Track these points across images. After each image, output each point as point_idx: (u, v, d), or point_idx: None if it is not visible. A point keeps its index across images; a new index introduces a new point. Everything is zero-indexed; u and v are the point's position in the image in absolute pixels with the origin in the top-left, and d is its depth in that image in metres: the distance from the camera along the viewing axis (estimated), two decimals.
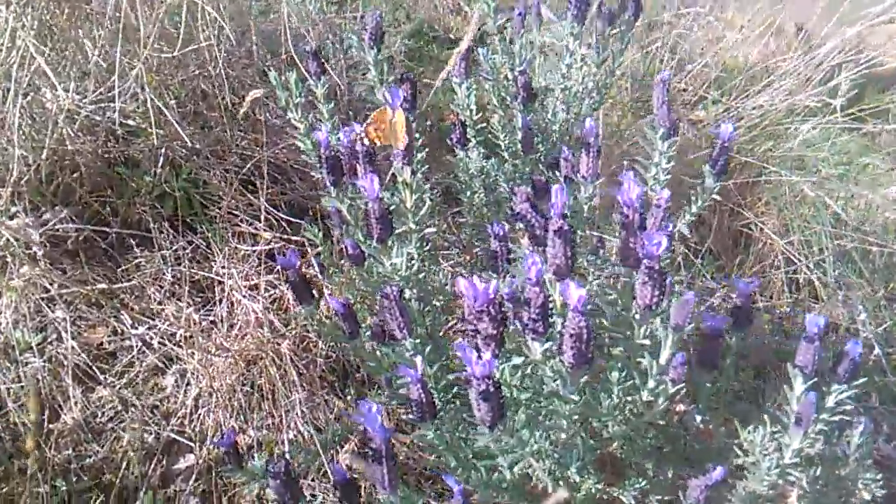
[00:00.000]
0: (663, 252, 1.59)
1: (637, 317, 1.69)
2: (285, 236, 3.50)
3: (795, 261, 3.94)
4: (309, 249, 3.50)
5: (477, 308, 1.63)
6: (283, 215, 3.54)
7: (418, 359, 1.75)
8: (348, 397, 3.15)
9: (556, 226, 1.61)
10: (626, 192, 1.64)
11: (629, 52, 4.61)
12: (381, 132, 2.10)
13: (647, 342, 1.69)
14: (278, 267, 3.39)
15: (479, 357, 1.46)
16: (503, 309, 1.65)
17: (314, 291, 2.27)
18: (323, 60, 2.70)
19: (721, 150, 2.29)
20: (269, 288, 3.33)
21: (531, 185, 2.32)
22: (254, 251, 3.41)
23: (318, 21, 4.35)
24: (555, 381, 1.63)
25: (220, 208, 3.52)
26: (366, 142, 2.11)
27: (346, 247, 2.27)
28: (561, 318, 1.68)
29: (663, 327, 1.65)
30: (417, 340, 1.94)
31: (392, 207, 2.08)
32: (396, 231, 2.09)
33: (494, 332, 1.64)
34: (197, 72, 3.66)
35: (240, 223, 3.49)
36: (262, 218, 3.41)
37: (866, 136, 5.07)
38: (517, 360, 1.72)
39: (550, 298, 1.65)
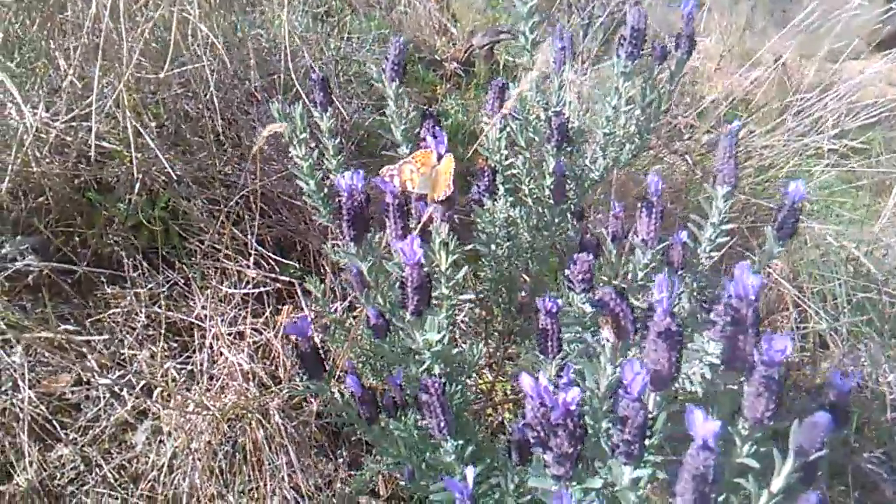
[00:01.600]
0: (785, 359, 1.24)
1: (744, 432, 1.33)
2: (272, 275, 3.09)
3: (807, 309, 3.64)
4: (297, 289, 3.10)
5: (553, 421, 1.25)
6: (268, 252, 3.13)
7: (469, 471, 1.36)
8: (340, 460, 2.75)
9: (662, 326, 1.24)
10: (741, 283, 1.28)
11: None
12: (417, 177, 1.71)
13: (753, 463, 1.33)
14: (265, 309, 2.98)
15: None
16: (583, 422, 1.27)
17: (322, 358, 1.86)
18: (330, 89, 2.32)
19: (790, 212, 1.94)
20: (254, 333, 2.91)
21: (580, 245, 1.96)
22: (238, 292, 2.99)
23: (310, 40, 3.96)
24: None
25: (201, 242, 3.09)
26: (395, 184, 1.72)
27: (366, 316, 1.87)
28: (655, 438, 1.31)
29: (779, 449, 1.29)
30: (460, 442, 1.56)
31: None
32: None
33: (571, 449, 1.27)
34: (180, 91, 3.24)
35: (223, 259, 3.07)
36: (251, 255, 3.00)
37: (849, 172, 4.86)
38: (594, 483, 1.34)
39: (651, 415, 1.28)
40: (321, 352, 1.85)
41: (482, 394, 2.90)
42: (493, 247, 2.29)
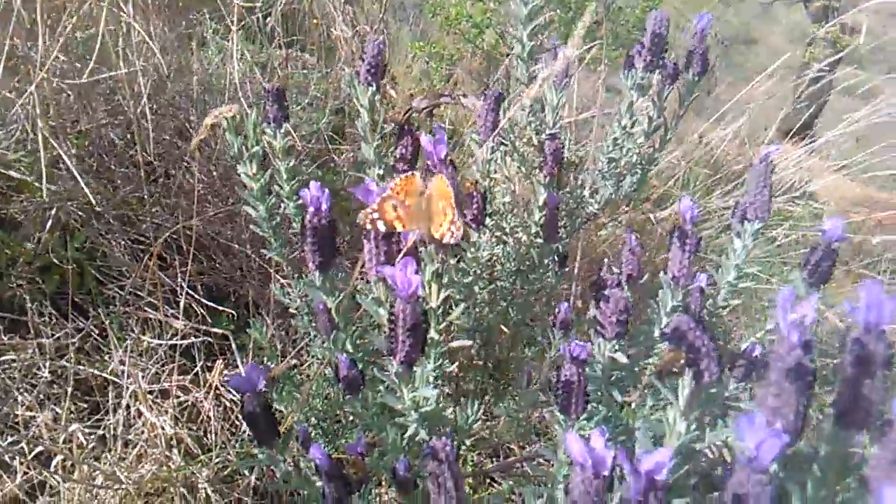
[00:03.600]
0: None
1: None
2: (203, 327, 2.61)
3: None
4: (232, 342, 2.62)
5: (633, 498, 0.85)
6: (196, 300, 2.65)
7: None
8: None
9: (791, 361, 0.86)
10: (874, 307, 0.91)
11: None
12: (403, 213, 1.32)
13: None
14: (194, 365, 2.49)
15: None
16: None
17: (275, 419, 1.40)
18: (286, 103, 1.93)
19: (826, 254, 1.62)
20: (180, 392, 2.41)
21: (595, 285, 1.59)
22: (162, 344, 2.50)
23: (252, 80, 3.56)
24: None
25: (121, 287, 2.60)
26: (379, 227, 1.32)
27: (337, 366, 1.43)
28: None
29: None
30: None
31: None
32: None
33: None
34: (106, 120, 2.78)
35: (146, 308, 2.58)
36: (179, 302, 2.52)
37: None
38: None
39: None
40: (273, 411, 1.40)
41: None
42: (476, 289, 1.90)
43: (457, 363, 2.14)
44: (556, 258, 2.07)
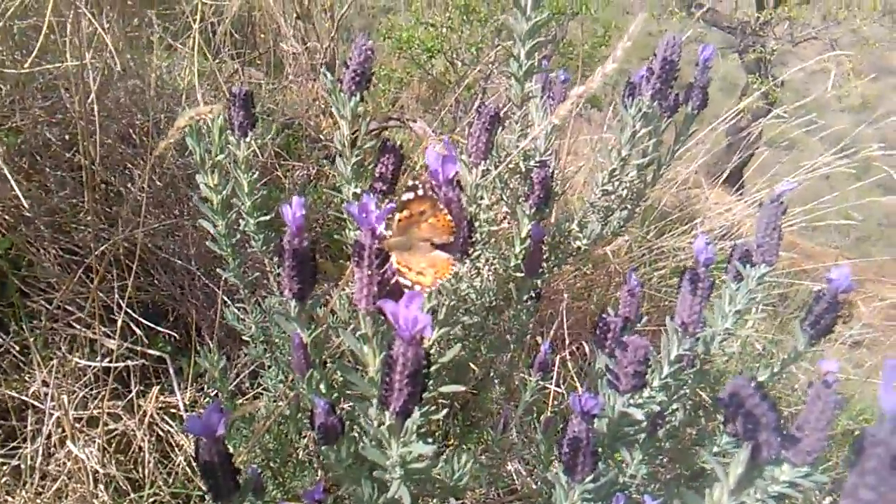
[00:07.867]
0: None
1: None
2: (139, 348, 2.34)
3: None
4: (170, 366, 2.36)
5: None
6: (132, 318, 2.39)
7: None
8: None
9: None
10: None
11: None
12: (393, 229, 1.14)
13: None
14: (130, 391, 2.23)
15: None
16: None
17: (235, 468, 1.18)
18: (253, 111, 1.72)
19: (830, 305, 1.51)
20: (110, 421, 2.14)
21: (598, 326, 1.42)
22: (92, 365, 2.23)
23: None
24: None
25: (49, 301, 2.32)
26: (410, 283, 1.12)
27: (314, 412, 1.22)
28: None
29: None
30: None
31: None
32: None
33: None
34: (43, 117, 2.51)
35: (75, 324, 2.31)
36: (115, 320, 2.25)
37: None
38: None
39: None
40: (232, 459, 1.18)
41: None
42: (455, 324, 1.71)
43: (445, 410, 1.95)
44: (532, 294, 1.91)
